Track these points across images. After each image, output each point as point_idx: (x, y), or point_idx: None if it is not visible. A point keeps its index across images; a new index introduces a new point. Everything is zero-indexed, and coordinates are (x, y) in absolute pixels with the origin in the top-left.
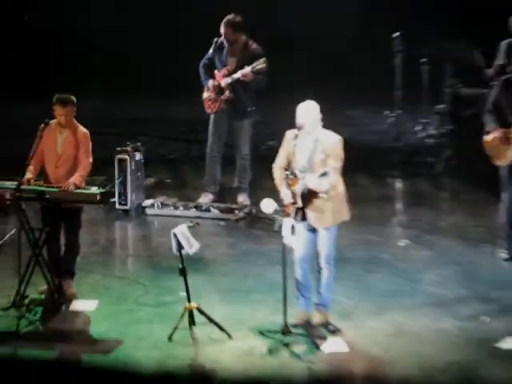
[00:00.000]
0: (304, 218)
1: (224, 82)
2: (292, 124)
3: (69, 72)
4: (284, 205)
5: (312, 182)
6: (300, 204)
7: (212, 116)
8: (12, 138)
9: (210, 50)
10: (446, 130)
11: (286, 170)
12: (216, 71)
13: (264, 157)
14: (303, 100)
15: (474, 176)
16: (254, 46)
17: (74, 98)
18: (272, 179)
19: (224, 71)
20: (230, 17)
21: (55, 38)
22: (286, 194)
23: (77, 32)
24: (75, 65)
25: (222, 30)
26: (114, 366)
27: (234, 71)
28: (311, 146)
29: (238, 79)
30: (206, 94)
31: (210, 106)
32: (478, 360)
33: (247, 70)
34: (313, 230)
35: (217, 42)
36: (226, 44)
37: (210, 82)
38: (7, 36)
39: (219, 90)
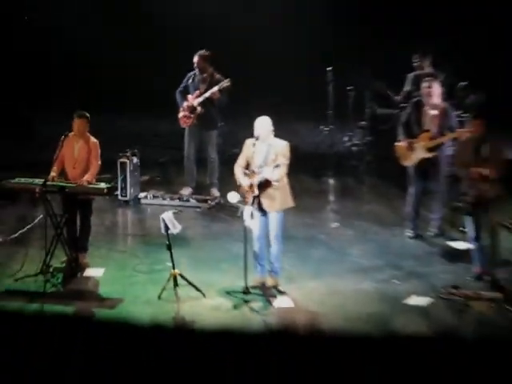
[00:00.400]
0: (259, 204)
1: (196, 101)
2: (250, 134)
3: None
4: (244, 195)
5: (268, 172)
6: (256, 193)
7: (186, 129)
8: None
9: (185, 81)
10: (367, 140)
11: (246, 168)
12: (189, 95)
13: (230, 161)
14: (259, 116)
15: (387, 175)
16: (218, 75)
17: (87, 114)
18: (234, 177)
19: (196, 93)
20: (201, 51)
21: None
22: (246, 184)
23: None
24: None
25: (195, 59)
26: (117, 319)
27: (204, 93)
28: (265, 149)
29: (208, 97)
30: (181, 114)
31: (185, 121)
32: (391, 312)
33: (215, 89)
34: (265, 214)
35: (190, 75)
36: (197, 73)
37: (185, 103)
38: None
39: (192, 109)
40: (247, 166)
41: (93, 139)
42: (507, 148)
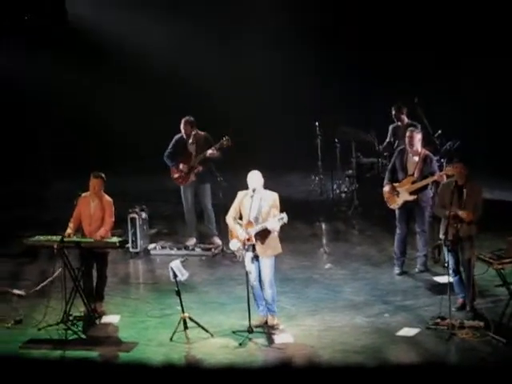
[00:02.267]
0: (254, 251)
1: (193, 162)
2: (243, 187)
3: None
4: (243, 243)
5: (272, 223)
6: (253, 241)
7: (182, 187)
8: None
9: (172, 144)
10: (354, 187)
11: (239, 218)
12: (182, 157)
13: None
14: (251, 170)
15: (373, 218)
16: (202, 133)
17: (103, 175)
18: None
19: (191, 155)
20: (187, 117)
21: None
22: (241, 234)
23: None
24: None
25: (182, 126)
26: (133, 361)
27: (198, 154)
28: (258, 202)
29: (205, 156)
30: (176, 174)
31: (182, 181)
32: (383, 344)
33: (213, 149)
34: (258, 260)
35: (177, 138)
36: (184, 136)
37: (181, 165)
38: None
39: (190, 169)
40: (239, 217)
41: (107, 198)
42: (484, 190)
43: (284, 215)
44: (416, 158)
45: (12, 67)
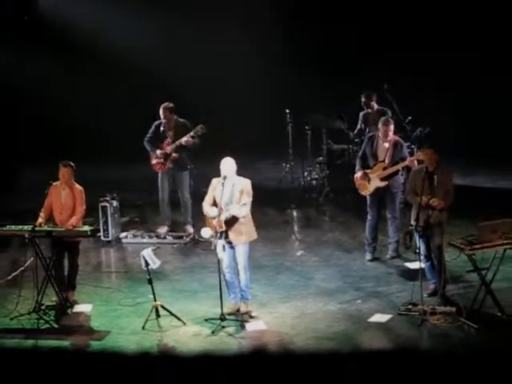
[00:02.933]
0: (226, 238)
1: (170, 148)
2: (218, 174)
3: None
4: (215, 230)
5: (235, 209)
6: (224, 228)
7: (160, 173)
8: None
9: (152, 129)
10: (325, 174)
11: (213, 205)
12: (162, 143)
13: (201, 199)
14: (224, 157)
15: (345, 204)
16: (181, 120)
17: (72, 164)
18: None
19: (168, 141)
20: (166, 104)
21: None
22: (214, 220)
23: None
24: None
25: (161, 111)
26: (105, 349)
27: (175, 140)
28: (230, 188)
29: (181, 144)
30: (154, 160)
31: (159, 167)
32: (355, 330)
33: (188, 136)
34: (232, 247)
35: (156, 124)
36: (163, 122)
37: (159, 151)
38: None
39: (166, 155)
40: (214, 203)
41: (78, 186)
42: (456, 176)
43: (247, 200)
44: (386, 145)
45: None
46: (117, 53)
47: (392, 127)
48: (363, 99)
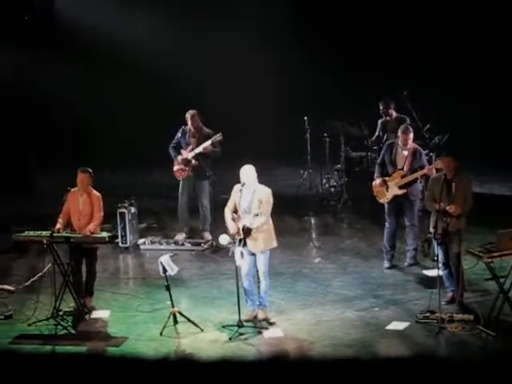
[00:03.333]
0: (244, 245)
1: (190, 155)
2: (237, 180)
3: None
4: (233, 237)
5: (247, 221)
6: (242, 235)
7: (181, 180)
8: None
9: (177, 136)
10: (343, 181)
11: (234, 212)
12: (182, 150)
13: (220, 206)
14: (244, 164)
15: (363, 211)
16: (207, 130)
17: (90, 170)
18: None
19: (189, 148)
20: (193, 111)
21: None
22: (232, 228)
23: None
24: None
25: (189, 119)
26: (123, 355)
27: (197, 147)
28: (250, 195)
29: (200, 151)
30: (176, 167)
31: (180, 174)
32: (373, 337)
33: (208, 143)
34: (252, 254)
35: (183, 129)
36: (188, 129)
37: (180, 157)
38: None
39: (187, 162)
40: (235, 208)
41: (95, 193)
42: (475, 184)
43: (261, 211)
44: (405, 152)
45: None
46: (139, 57)
47: (411, 135)
48: (381, 107)
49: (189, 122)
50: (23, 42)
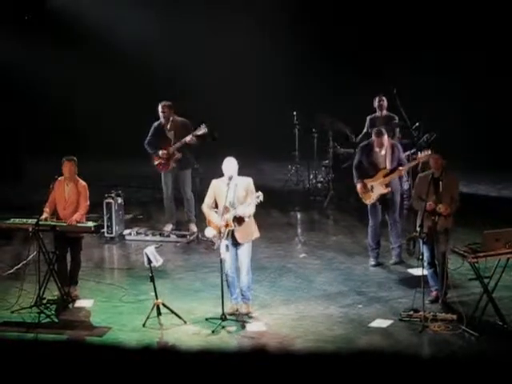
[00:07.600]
0: (232, 237)
1: (172, 148)
2: (219, 173)
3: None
4: (219, 230)
5: (241, 209)
6: (232, 226)
7: (162, 173)
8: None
9: (152, 131)
10: (330, 177)
11: (214, 207)
12: (162, 144)
13: (204, 197)
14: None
15: (349, 208)
16: (180, 119)
17: (75, 158)
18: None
19: (170, 142)
20: (164, 102)
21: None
22: (218, 221)
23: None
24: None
25: (161, 108)
26: (106, 345)
27: (176, 140)
28: (233, 187)
29: (185, 143)
30: (156, 161)
31: (162, 167)
32: (355, 334)
33: (191, 135)
34: (236, 246)
35: (156, 125)
36: (163, 122)
37: (161, 152)
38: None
39: (169, 156)
40: (213, 204)
41: (81, 182)
42: (462, 184)
43: (260, 193)
44: (383, 152)
45: None
46: (129, 49)
47: (386, 137)
48: (376, 102)
49: (160, 112)
50: (17, 29)
